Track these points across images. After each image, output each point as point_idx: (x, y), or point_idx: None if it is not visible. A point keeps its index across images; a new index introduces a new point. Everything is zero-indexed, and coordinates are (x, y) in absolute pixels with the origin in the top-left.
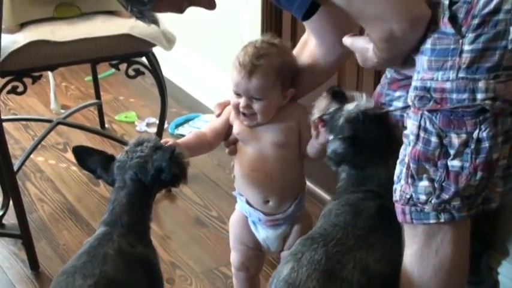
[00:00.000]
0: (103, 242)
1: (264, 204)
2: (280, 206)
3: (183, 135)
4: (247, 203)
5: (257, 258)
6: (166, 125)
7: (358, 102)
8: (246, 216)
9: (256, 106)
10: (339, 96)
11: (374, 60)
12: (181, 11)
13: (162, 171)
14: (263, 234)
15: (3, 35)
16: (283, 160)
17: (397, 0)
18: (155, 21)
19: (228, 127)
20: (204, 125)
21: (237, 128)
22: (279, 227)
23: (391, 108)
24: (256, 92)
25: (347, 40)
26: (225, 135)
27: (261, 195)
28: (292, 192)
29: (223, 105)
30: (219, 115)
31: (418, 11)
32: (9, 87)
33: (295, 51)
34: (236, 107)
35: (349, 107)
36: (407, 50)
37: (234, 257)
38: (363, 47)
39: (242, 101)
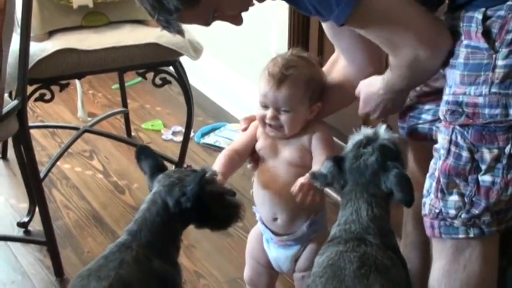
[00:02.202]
0: (122, 248)
1: (273, 222)
2: (289, 225)
3: (208, 144)
4: (260, 219)
5: (267, 276)
6: (192, 134)
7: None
8: (262, 233)
9: (283, 118)
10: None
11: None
12: (207, 23)
13: (184, 195)
14: (274, 253)
15: (31, 43)
16: (294, 178)
17: (421, 30)
18: (181, 32)
19: (255, 142)
20: (230, 134)
21: (260, 143)
22: (290, 247)
23: (420, 122)
24: (284, 102)
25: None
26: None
27: (270, 213)
28: (301, 213)
29: (250, 120)
30: (245, 129)
31: (440, 40)
32: (37, 94)
33: (324, 69)
34: (262, 119)
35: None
36: (423, 81)
37: (245, 271)
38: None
39: (269, 112)
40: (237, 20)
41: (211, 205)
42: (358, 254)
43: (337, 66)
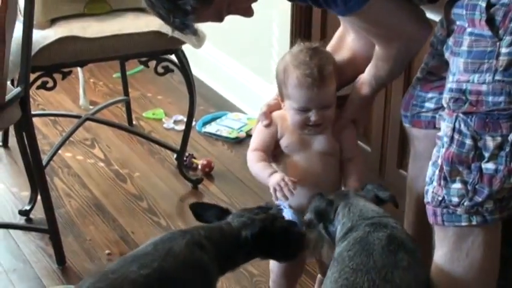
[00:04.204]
0: (176, 235)
1: None
2: None
3: (210, 133)
4: (290, 207)
5: (297, 266)
6: (193, 123)
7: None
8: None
9: (327, 114)
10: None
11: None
12: (221, 19)
13: (247, 226)
14: None
15: (34, 31)
16: (330, 168)
17: (411, 24)
18: (196, 32)
19: (276, 139)
20: (231, 123)
21: (286, 140)
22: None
23: (423, 110)
24: (328, 99)
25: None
26: None
27: (306, 201)
28: None
29: (269, 114)
30: (268, 125)
31: (422, 33)
32: (39, 82)
33: (331, 46)
34: (304, 123)
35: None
36: (401, 72)
37: (275, 264)
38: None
39: (315, 114)
40: (249, 12)
41: (277, 240)
42: (385, 233)
43: (345, 42)
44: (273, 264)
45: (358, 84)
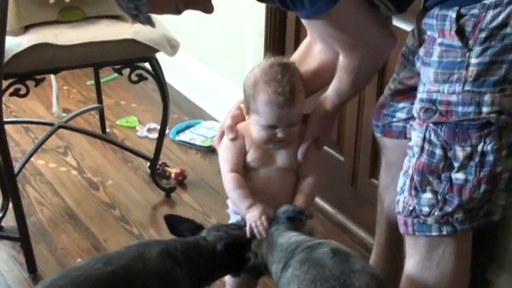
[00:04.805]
0: (151, 243)
1: None
2: None
3: (184, 142)
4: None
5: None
6: (167, 131)
7: None
8: None
9: (293, 130)
10: None
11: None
12: (177, 11)
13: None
14: None
15: (7, 38)
16: (288, 182)
17: (376, 33)
18: (150, 21)
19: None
20: (205, 131)
21: (251, 156)
22: None
23: (394, 120)
24: (297, 118)
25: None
26: None
27: None
28: None
29: (235, 127)
30: (234, 139)
31: (389, 42)
32: (11, 89)
33: (297, 55)
34: (271, 139)
35: None
36: (367, 84)
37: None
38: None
39: (281, 132)
40: (208, 8)
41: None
42: (326, 247)
43: (312, 51)
44: (228, 277)
45: (320, 100)
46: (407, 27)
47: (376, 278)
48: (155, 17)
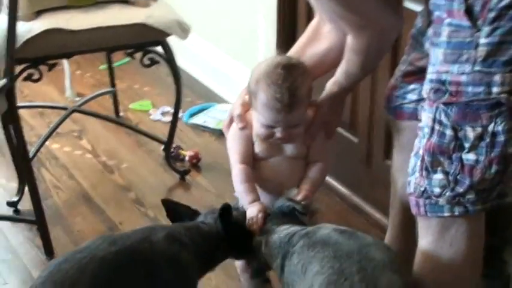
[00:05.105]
0: (157, 227)
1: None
2: None
3: (197, 125)
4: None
5: None
6: (180, 114)
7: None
8: None
9: (295, 131)
10: None
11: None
12: None
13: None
14: None
15: (19, 23)
16: (297, 169)
17: (384, 14)
18: None
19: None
20: (219, 114)
21: (258, 147)
22: None
23: (405, 101)
24: (297, 121)
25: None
26: None
27: (271, 200)
28: None
29: (244, 116)
30: (243, 128)
31: (396, 24)
32: (25, 74)
33: (305, 37)
34: (268, 137)
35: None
36: (375, 66)
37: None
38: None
39: (281, 132)
40: None
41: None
42: (328, 229)
43: (321, 32)
44: (244, 281)
45: (328, 85)
46: (417, 7)
47: (391, 250)
48: (167, 0)
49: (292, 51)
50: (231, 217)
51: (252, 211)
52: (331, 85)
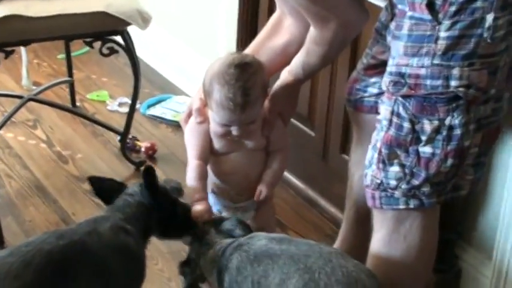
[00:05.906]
0: (99, 218)
1: (236, 197)
2: (251, 197)
3: (154, 116)
4: (213, 191)
5: None
6: (138, 105)
7: None
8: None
9: (251, 128)
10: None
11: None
12: None
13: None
14: None
15: None
16: (259, 160)
17: (347, 6)
18: None
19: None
20: (176, 106)
21: (217, 143)
22: (247, 212)
23: (366, 95)
24: (252, 118)
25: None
26: None
27: (236, 192)
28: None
29: (203, 110)
30: (201, 122)
31: (361, 16)
32: None
33: (266, 31)
34: (225, 135)
35: None
36: (336, 56)
37: None
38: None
39: (235, 130)
40: None
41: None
42: (262, 240)
43: (281, 26)
44: None
45: (283, 75)
46: (381, 2)
47: (336, 249)
48: None
49: (252, 45)
50: (155, 178)
51: (198, 209)
52: (285, 75)
